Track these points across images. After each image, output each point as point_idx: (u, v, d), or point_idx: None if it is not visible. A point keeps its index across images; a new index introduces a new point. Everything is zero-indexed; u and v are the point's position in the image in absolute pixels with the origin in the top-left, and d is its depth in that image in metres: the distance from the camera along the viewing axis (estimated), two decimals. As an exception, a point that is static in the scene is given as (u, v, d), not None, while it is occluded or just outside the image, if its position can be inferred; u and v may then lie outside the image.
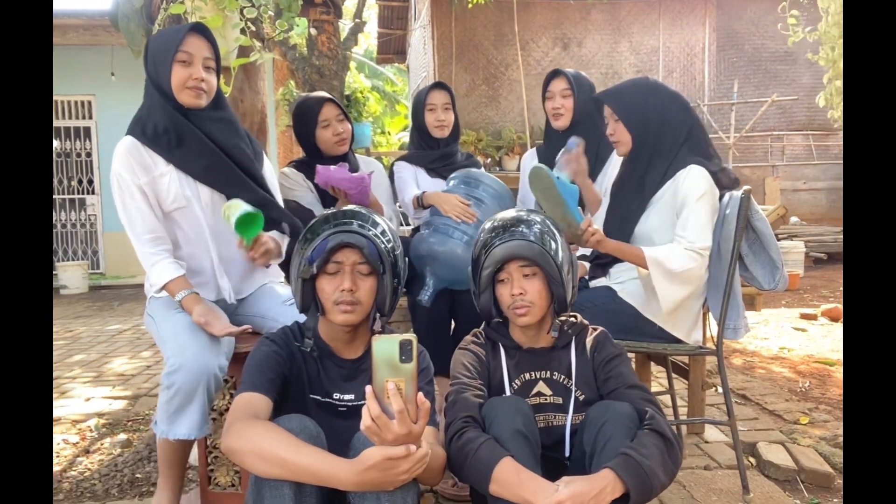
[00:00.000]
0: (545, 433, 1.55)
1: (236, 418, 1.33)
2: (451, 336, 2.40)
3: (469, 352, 1.63)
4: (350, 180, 2.18)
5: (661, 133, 2.04)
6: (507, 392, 1.60)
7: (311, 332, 1.55)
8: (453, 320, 2.43)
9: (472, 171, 2.44)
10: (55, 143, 8.79)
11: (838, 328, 4.75)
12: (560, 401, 1.60)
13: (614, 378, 1.57)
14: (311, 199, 2.48)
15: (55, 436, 2.81)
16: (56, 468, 2.49)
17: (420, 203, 2.47)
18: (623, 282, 2.12)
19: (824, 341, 4.38)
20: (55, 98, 8.51)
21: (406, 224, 3.17)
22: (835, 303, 5.38)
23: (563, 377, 1.62)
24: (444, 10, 9.15)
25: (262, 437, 1.26)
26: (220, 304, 1.96)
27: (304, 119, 2.48)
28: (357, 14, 4.85)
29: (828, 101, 4.88)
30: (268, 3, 2.30)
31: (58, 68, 4.92)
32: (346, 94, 6.51)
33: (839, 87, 4.69)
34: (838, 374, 3.55)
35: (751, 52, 9.77)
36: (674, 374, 2.70)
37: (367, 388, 1.16)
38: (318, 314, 1.54)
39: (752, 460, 2.44)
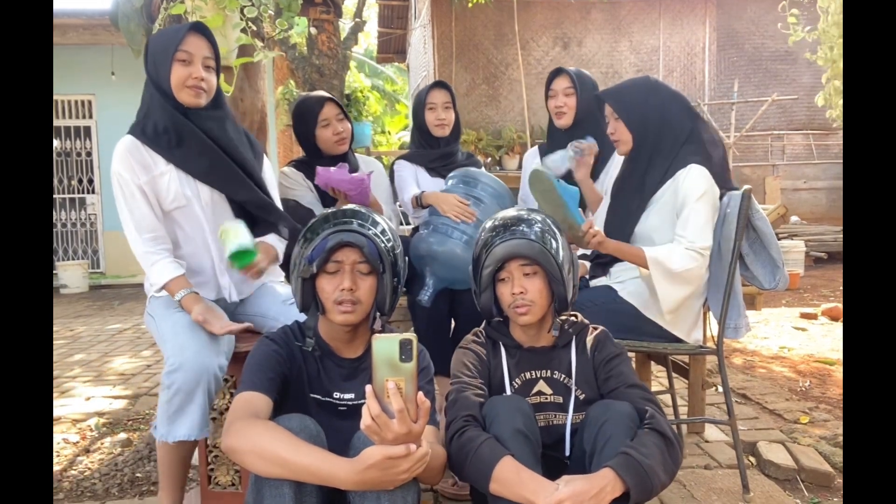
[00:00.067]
0: (545, 432, 1.55)
1: (236, 417, 1.33)
2: (451, 336, 2.40)
3: (470, 351, 1.63)
4: (350, 182, 2.18)
5: (662, 132, 2.05)
6: (508, 391, 1.60)
7: (312, 332, 1.55)
8: (453, 320, 2.42)
9: (470, 170, 2.43)
10: (55, 143, 8.79)
11: (838, 327, 4.75)
12: (560, 400, 1.60)
13: (615, 377, 1.57)
14: (310, 199, 2.48)
15: (55, 435, 2.81)
16: (56, 467, 2.49)
17: (419, 203, 2.46)
18: (623, 281, 2.12)
19: (824, 341, 4.38)
20: (55, 97, 8.51)
21: (406, 224, 3.16)
22: (835, 302, 5.38)
23: (563, 376, 1.62)
24: (445, 9, 9.14)
25: (263, 437, 1.26)
26: (221, 303, 1.97)
27: (304, 118, 2.48)
28: (357, 13, 4.85)
29: (826, 100, 4.88)
30: (268, 2, 2.30)
31: (58, 68, 4.91)
32: (346, 93, 6.50)
33: (837, 87, 4.69)
34: (838, 374, 3.55)
35: (751, 52, 9.76)
36: (674, 374, 2.70)
37: (367, 387, 1.16)
38: (319, 313, 1.54)
39: (752, 459, 2.44)
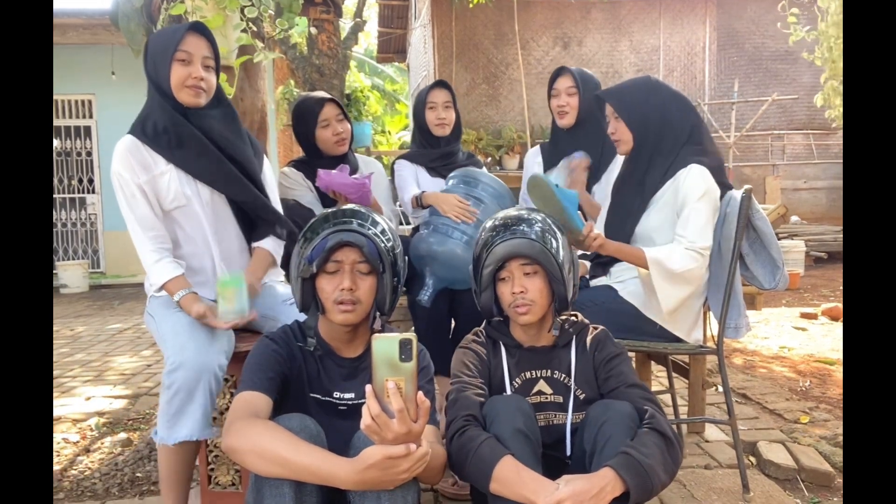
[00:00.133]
0: (546, 432, 1.55)
1: (236, 417, 1.33)
2: (451, 336, 2.40)
3: (470, 350, 1.63)
4: (352, 185, 2.18)
5: (662, 132, 2.04)
6: (508, 390, 1.60)
7: (312, 332, 1.55)
8: (453, 320, 2.42)
9: (470, 170, 2.42)
10: (55, 143, 8.79)
11: (838, 327, 4.75)
12: (560, 399, 1.60)
13: (615, 377, 1.57)
14: (310, 199, 2.48)
15: (56, 435, 2.81)
16: (56, 467, 2.49)
17: (419, 203, 2.46)
18: (624, 281, 2.12)
19: (824, 340, 4.38)
20: (55, 97, 8.51)
21: (406, 223, 3.16)
22: (835, 302, 5.38)
23: (563, 376, 1.62)
24: (445, 9, 9.14)
25: (263, 436, 1.26)
26: (221, 303, 1.96)
27: (304, 118, 2.47)
28: (357, 13, 4.85)
29: (825, 100, 4.88)
30: (268, 2, 2.30)
31: (58, 67, 4.93)
32: (346, 93, 6.50)
33: (836, 87, 4.70)
34: (838, 374, 3.55)
35: (751, 51, 9.76)
36: (674, 374, 2.70)
37: (367, 387, 1.16)
38: (319, 313, 1.54)
39: (752, 459, 2.44)
